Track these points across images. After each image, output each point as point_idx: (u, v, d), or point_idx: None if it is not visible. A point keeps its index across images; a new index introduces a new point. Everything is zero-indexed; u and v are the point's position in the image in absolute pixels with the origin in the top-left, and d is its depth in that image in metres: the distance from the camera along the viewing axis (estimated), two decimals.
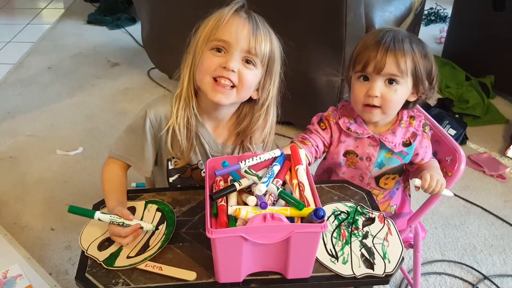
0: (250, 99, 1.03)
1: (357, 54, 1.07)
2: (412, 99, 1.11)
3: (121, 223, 0.90)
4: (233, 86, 0.95)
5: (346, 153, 1.15)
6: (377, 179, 1.19)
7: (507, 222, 1.80)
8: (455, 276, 1.57)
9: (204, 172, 1.05)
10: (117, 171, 1.05)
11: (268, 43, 0.95)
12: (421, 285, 1.52)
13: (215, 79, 0.94)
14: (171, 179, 1.10)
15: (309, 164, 1.12)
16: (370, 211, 1.01)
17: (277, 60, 1.00)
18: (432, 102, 2.50)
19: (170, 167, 1.09)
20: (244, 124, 1.05)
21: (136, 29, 3.38)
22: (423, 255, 1.63)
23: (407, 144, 1.13)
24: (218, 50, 0.93)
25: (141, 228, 0.92)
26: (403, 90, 1.06)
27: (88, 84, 2.77)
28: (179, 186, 1.23)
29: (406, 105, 1.12)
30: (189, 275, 0.86)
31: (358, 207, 1.03)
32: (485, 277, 1.57)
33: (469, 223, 1.79)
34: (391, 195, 1.24)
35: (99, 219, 0.90)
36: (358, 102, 1.08)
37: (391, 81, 1.04)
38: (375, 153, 1.13)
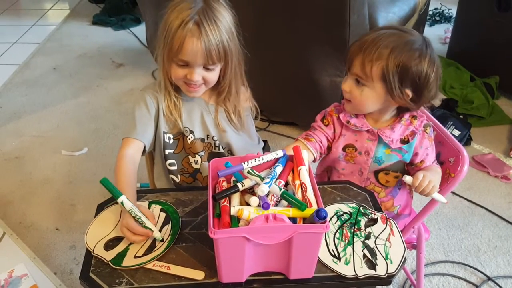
0: None
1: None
2: (395, 105, 1.10)
3: (138, 218, 0.92)
4: (202, 83, 1.14)
5: (345, 147, 1.17)
6: (376, 173, 1.20)
7: (511, 223, 1.79)
8: (459, 277, 1.57)
9: (190, 139, 1.21)
10: (131, 163, 1.08)
11: (219, 39, 1.06)
12: (425, 286, 1.52)
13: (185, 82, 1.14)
14: (167, 151, 1.22)
15: (314, 160, 1.15)
16: (373, 212, 1.02)
17: (231, 43, 1.10)
18: (436, 102, 2.49)
19: (166, 140, 1.21)
20: (219, 89, 1.20)
21: (140, 30, 3.40)
22: (426, 256, 1.63)
23: (405, 141, 1.13)
24: (182, 64, 1.10)
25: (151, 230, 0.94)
26: (370, 93, 1.07)
27: (93, 84, 2.79)
28: (183, 186, 1.25)
29: (406, 109, 1.12)
30: (198, 274, 0.86)
31: (361, 208, 1.03)
32: (489, 278, 1.57)
33: (473, 224, 1.79)
34: (393, 194, 1.25)
35: (122, 203, 0.92)
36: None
37: (358, 81, 1.08)
38: (373, 147, 1.14)
